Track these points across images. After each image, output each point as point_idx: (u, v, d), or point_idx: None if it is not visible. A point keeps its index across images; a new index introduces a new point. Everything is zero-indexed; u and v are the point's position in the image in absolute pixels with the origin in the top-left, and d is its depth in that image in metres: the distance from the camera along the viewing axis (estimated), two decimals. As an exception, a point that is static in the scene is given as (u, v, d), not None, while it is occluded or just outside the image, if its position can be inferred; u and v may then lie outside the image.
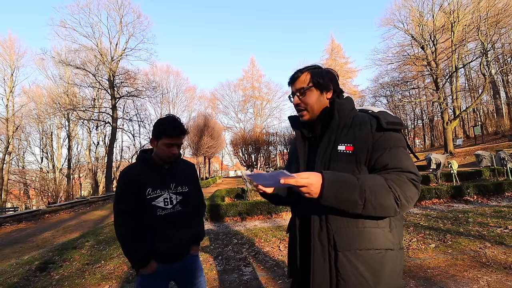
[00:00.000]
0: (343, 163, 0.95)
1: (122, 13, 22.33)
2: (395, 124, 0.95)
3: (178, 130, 1.41)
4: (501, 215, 5.01)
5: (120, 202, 1.42)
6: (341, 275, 0.91)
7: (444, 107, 20.61)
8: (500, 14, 17.63)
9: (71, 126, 28.96)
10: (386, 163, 0.91)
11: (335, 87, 1.08)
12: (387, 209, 0.86)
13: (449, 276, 2.73)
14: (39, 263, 4.08)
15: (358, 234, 0.92)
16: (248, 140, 37.77)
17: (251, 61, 42.58)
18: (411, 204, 0.88)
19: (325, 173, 0.84)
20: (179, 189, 1.49)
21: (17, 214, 9.35)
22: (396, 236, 0.96)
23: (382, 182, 0.86)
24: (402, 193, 0.85)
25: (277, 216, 6.47)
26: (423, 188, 7.34)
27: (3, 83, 25.95)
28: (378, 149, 0.93)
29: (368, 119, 0.98)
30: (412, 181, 0.88)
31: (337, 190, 0.82)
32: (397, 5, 22.66)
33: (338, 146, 0.97)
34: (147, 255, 1.38)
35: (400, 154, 0.93)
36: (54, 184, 24.43)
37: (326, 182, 0.82)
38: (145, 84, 24.43)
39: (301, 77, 1.07)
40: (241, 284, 2.92)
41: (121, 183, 1.42)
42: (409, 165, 0.91)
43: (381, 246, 0.92)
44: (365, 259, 0.90)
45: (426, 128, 36.99)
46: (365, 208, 0.84)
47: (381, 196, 0.84)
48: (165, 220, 1.42)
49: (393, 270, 0.94)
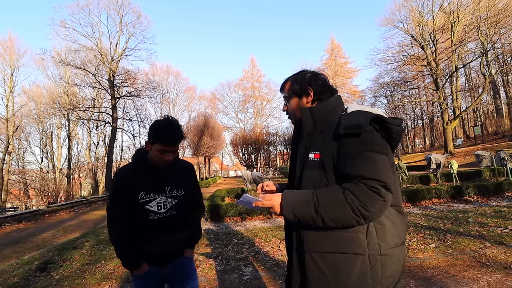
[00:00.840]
0: (313, 170, 0.96)
1: (122, 13, 22.39)
2: (353, 128, 0.89)
3: (173, 137, 1.33)
4: (501, 215, 5.01)
5: (113, 206, 1.39)
6: (306, 274, 0.95)
7: (444, 107, 20.62)
8: (500, 14, 17.64)
9: (71, 126, 28.98)
10: (347, 171, 0.88)
11: (317, 90, 1.07)
12: (347, 221, 0.85)
13: (449, 276, 2.73)
14: (39, 263, 4.08)
15: (327, 237, 0.93)
16: (248, 140, 37.79)
17: (251, 61, 42.69)
18: (375, 212, 0.84)
19: (284, 193, 0.94)
20: (175, 192, 1.43)
21: (17, 214, 9.36)
22: (373, 241, 0.90)
23: (338, 196, 0.85)
24: (359, 204, 0.82)
25: (277, 216, 6.47)
26: (423, 188, 7.35)
27: (3, 83, 26.00)
28: (341, 157, 0.91)
29: (335, 123, 0.94)
30: (372, 189, 0.83)
31: (293, 208, 0.90)
32: (397, 5, 22.71)
33: (309, 154, 0.99)
34: (138, 257, 1.37)
35: (362, 160, 0.87)
36: (54, 184, 24.44)
37: (283, 202, 0.92)
38: (145, 84, 24.46)
39: (286, 85, 1.15)
40: (241, 284, 2.92)
41: (113, 186, 1.39)
42: (372, 170, 0.85)
43: (348, 250, 0.90)
44: (331, 261, 0.92)
45: (426, 128, 37.01)
46: (324, 223, 0.87)
47: (336, 210, 0.85)
48: (158, 225, 1.38)
49: (364, 275, 0.89)
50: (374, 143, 0.89)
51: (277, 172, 28.99)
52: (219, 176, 35.29)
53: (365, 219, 0.85)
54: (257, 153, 38.42)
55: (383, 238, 0.92)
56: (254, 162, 38.08)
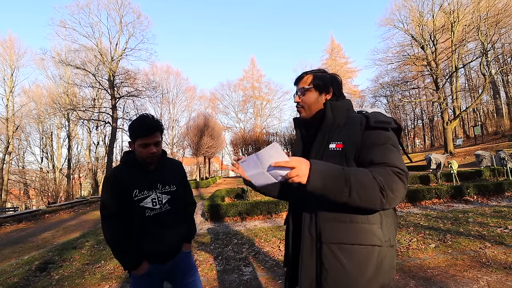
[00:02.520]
0: (333, 159, 0.98)
1: (122, 13, 22.38)
2: (383, 123, 0.98)
3: (148, 128, 1.34)
4: (501, 215, 5.01)
5: (106, 206, 1.39)
6: (324, 265, 0.95)
7: (444, 107, 20.62)
8: (500, 14, 17.63)
9: (71, 126, 28.96)
10: (372, 158, 0.94)
11: (336, 91, 1.14)
12: (373, 200, 0.84)
13: (449, 276, 2.73)
14: (39, 263, 4.09)
15: (345, 229, 0.95)
16: (248, 140, 37.78)
17: (251, 61, 42.66)
18: (397, 196, 0.86)
19: (312, 161, 0.86)
20: (167, 188, 1.47)
21: (17, 214, 9.36)
22: (386, 234, 0.98)
23: (367, 173, 0.87)
24: (387, 184, 0.84)
25: (277, 216, 6.47)
26: (423, 188, 7.35)
27: (3, 83, 25.98)
28: (366, 146, 0.96)
29: (360, 118, 1.02)
30: (398, 174, 0.87)
31: (323, 176, 0.83)
32: (397, 5, 22.70)
33: (330, 144, 1.02)
34: (137, 256, 1.38)
35: (386, 150, 0.94)
36: (54, 184, 24.42)
37: (313, 168, 0.83)
38: (145, 84, 24.44)
39: (305, 78, 1.16)
40: (241, 284, 2.92)
41: (106, 186, 1.40)
42: (395, 160, 0.91)
43: (367, 242, 0.94)
44: (350, 253, 0.93)
45: (426, 128, 36.99)
46: (351, 196, 0.83)
47: (366, 185, 0.83)
48: (154, 221, 1.40)
49: (380, 266, 0.95)
50: (395, 139, 1.00)
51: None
52: (219, 176, 35.28)
53: (387, 202, 0.85)
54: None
55: (391, 231, 1.00)
56: (254, 162, 37.98)
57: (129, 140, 1.42)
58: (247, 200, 8.34)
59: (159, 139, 1.40)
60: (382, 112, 1.07)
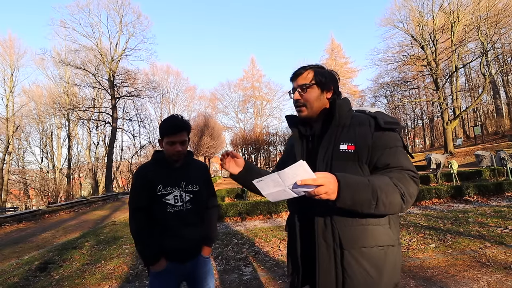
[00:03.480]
0: (346, 161, 0.97)
1: (122, 13, 22.38)
2: (392, 123, 0.98)
3: (175, 127, 1.43)
4: (501, 215, 5.01)
5: (133, 199, 1.49)
6: (347, 272, 0.92)
7: (444, 107, 20.61)
8: (500, 14, 17.62)
9: (71, 126, 28.97)
10: (388, 162, 0.94)
11: (335, 88, 1.10)
12: (396, 206, 0.87)
13: (449, 276, 2.73)
14: (39, 263, 4.08)
15: (362, 232, 0.94)
16: (248, 140, 37.81)
17: (251, 61, 42.71)
18: (413, 200, 0.91)
19: (338, 175, 0.83)
20: (190, 187, 1.51)
21: (17, 214, 9.36)
22: (395, 233, 1.00)
23: (389, 181, 0.88)
24: (406, 190, 0.88)
25: (277, 216, 6.47)
26: (423, 188, 7.35)
27: (3, 83, 25.97)
28: (379, 148, 0.96)
29: (367, 119, 1.00)
30: (413, 178, 0.92)
31: (353, 191, 0.82)
32: (397, 5, 22.68)
33: (340, 145, 0.99)
34: (157, 252, 1.42)
35: (399, 153, 0.96)
36: (54, 184, 24.45)
37: (342, 183, 0.81)
38: (145, 84, 24.46)
39: (304, 74, 1.08)
40: (241, 284, 2.92)
41: (134, 180, 1.50)
42: (408, 163, 0.95)
43: (383, 243, 0.95)
44: (370, 256, 0.93)
45: (426, 128, 36.99)
46: (377, 207, 0.85)
47: (391, 194, 0.86)
48: (175, 217, 1.45)
49: (394, 265, 0.97)
50: (401, 139, 1.01)
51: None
52: (219, 176, 35.24)
53: (406, 206, 0.89)
54: (257, 153, 38.44)
55: (398, 230, 1.03)
56: (254, 162, 38.06)
57: (159, 138, 1.51)
58: (247, 200, 8.35)
59: (185, 139, 1.47)
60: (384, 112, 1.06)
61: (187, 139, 1.48)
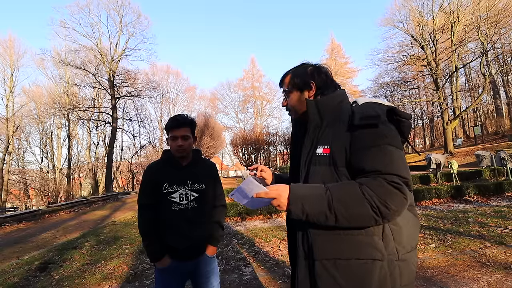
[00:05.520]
0: (321, 166, 0.89)
1: (122, 13, 22.37)
2: (370, 118, 0.82)
3: (176, 121, 1.49)
4: (501, 215, 5.01)
5: (141, 196, 1.53)
6: (317, 284, 0.84)
7: (444, 107, 20.61)
8: (500, 14, 17.62)
9: (71, 126, 28.93)
10: (363, 166, 0.82)
11: (319, 83, 1.00)
12: (364, 220, 0.77)
13: (449, 276, 2.73)
14: (39, 263, 4.08)
15: (339, 242, 0.83)
16: (248, 140, 37.75)
17: (251, 61, 42.68)
18: (395, 210, 0.76)
19: (292, 186, 0.83)
20: (196, 186, 1.52)
21: (17, 214, 9.35)
22: (391, 245, 0.83)
23: (355, 191, 0.78)
24: (378, 200, 0.75)
25: (277, 216, 6.47)
26: (423, 188, 7.35)
27: (3, 83, 25.96)
28: (355, 150, 0.83)
29: (347, 115, 0.88)
30: (392, 183, 0.76)
31: (303, 203, 0.79)
32: (397, 5, 22.71)
33: (317, 148, 0.91)
34: (160, 248, 1.44)
35: (379, 154, 0.80)
36: (54, 184, 24.46)
37: (291, 195, 0.81)
38: (145, 84, 24.46)
39: (286, 79, 1.07)
40: (241, 284, 2.92)
41: (143, 178, 1.56)
42: (390, 165, 0.79)
43: (365, 256, 0.81)
44: (345, 269, 0.82)
45: (426, 128, 37.00)
46: (338, 221, 0.78)
47: (353, 207, 0.76)
48: (180, 215, 1.46)
49: (383, 283, 0.80)
50: (391, 135, 0.83)
51: (277, 172, 29.02)
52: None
53: (384, 218, 0.76)
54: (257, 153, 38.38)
55: (400, 241, 0.84)
56: (254, 162, 38.03)
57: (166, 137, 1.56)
58: (247, 200, 8.33)
59: (186, 134, 1.50)
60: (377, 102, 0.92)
61: (189, 135, 1.51)
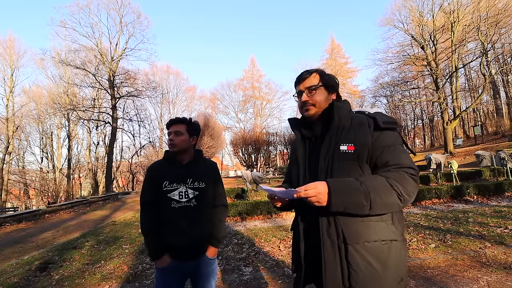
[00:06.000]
0: (346, 161, 1.01)
1: (122, 13, 22.34)
2: (391, 123, 1.02)
3: (171, 119, 1.59)
4: (501, 215, 5.01)
5: (142, 194, 1.57)
6: (352, 266, 0.96)
7: (444, 107, 20.60)
8: (500, 14, 17.61)
9: (71, 126, 28.92)
10: (386, 160, 0.99)
11: (338, 92, 1.19)
12: (392, 206, 0.93)
13: (449, 276, 2.73)
14: (39, 263, 4.08)
15: (365, 228, 0.97)
16: (248, 140, 37.71)
17: (251, 61, 42.58)
18: (412, 197, 0.95)
19: (329, 182, 0.93)
20: (196, 184, 1.53)
21: (17, 214, 9.35)
22: (398, 228, 1.02)
23: (384, 182, 0.93)
24: (403, 189, 0.92)
25: (277, 216, 6.47)
26: (423, 188, 7.35)
27: (3, 83, 25.93)
28: (378, 148, 1.00)
29: (366, 120, 1.05)
30: (411, 176, 0.96)
31: (343, 196, 0.91)
32: (397, 5, 22.69)
33: (340, 146, 1.03)
34: (160, 247, 1.45)
35: (398, 151, 1.00)
36: (54, 184, 24.46)
37: (332, 190, 0.91)
38: (145, 84, 24.43)
39: (310, 77, 1.15)
40: (241, 284, 2.92)
41: (145, 177, 1.60)
42: (407, 161, 0.99)
43: (386, 237, 0.98)
44: (373, 250, 0.96)
45: (426, 128, 36.97)
46: (372, 209, 0.91)
47: (385, 196, 0.91)
48: (180, 213, 1.47)
49: (399, 259, 0.99)
50: (401, 138, 1.05)
51: (277, 172, 28.96)
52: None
53: (404, 204, 0.94)
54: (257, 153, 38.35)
55: (402, 227, 1.06)
56: (254, 162, 38.01)
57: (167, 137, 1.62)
58: (247, 200, 8.34)
59: (179, 130, 1.55)
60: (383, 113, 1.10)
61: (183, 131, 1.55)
